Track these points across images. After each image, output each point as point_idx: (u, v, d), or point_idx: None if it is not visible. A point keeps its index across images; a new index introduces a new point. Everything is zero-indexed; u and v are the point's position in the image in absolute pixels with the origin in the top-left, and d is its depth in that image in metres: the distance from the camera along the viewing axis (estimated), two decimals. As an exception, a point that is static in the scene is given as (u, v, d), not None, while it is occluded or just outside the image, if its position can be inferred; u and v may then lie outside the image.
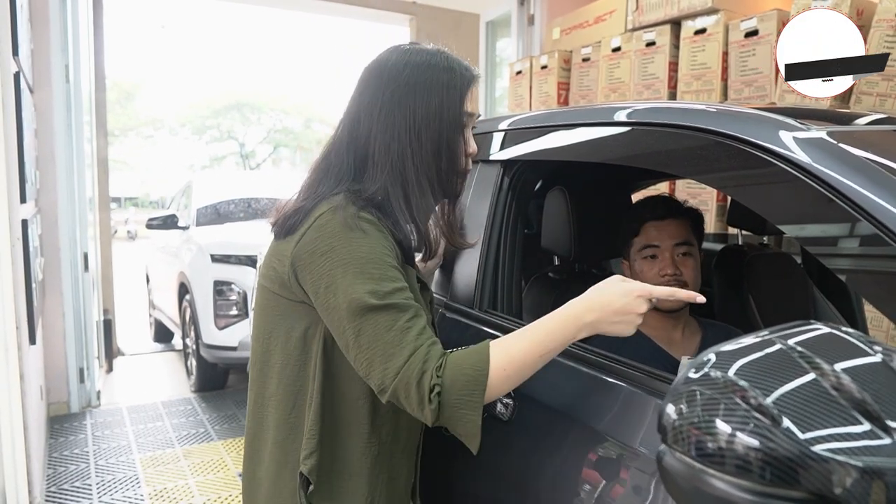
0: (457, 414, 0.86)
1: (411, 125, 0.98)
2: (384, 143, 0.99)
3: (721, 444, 0.51)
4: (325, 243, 0.92)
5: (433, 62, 1.02)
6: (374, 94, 1.01)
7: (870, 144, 0.85)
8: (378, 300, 0.89)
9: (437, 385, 0.85)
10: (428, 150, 0.99)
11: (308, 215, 0.96)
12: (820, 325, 0.57)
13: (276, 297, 1.01)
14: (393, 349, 0.88)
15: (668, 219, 1.41)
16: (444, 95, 1.00)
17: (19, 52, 2.39)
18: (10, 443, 2.14)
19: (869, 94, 2.04)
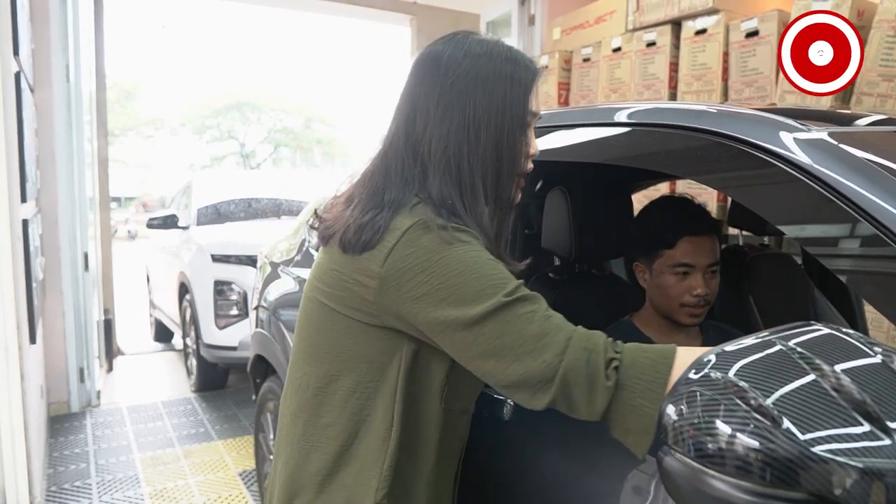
0: (635, 401, 0.72)
1: (470, 121, 0.90)
2: (441, 141, 0.90)
3: (721, 444, 0.51)
4: (423, 258, 0.83)
5: (494, 52, 0.93)
6: (429, 88, 0.92)
7: (870, 145, 0.85)
8: (508, 297, 0.80)
9: (615, 360, 0.74)
10: (486, 148, 0.91)
11: (389, 229, 0.86)
12: (820, 326, 0.57)
13: (346, 319, 0.91)
14: (547, 337, 0.77)
15: (705, 235, 1.34)
16: (507, 89, 0.91)
17: (20, 51, 2.39)
18: (11, 442, 2.14)
19: (869, 95, 2.04)
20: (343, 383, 0.92)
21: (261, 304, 2.27)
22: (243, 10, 22.94)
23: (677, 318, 1.36)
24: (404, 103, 0.96)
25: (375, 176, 0.94)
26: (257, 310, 2.33)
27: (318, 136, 25.86)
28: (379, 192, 0.91)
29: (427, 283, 0.82)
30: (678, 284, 1.34)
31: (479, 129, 0.90)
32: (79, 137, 3.58)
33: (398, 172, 0.92)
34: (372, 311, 0.88)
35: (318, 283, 0.95)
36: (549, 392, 0.76)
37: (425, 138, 0.91)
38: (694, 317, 1.35)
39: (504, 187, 0.94)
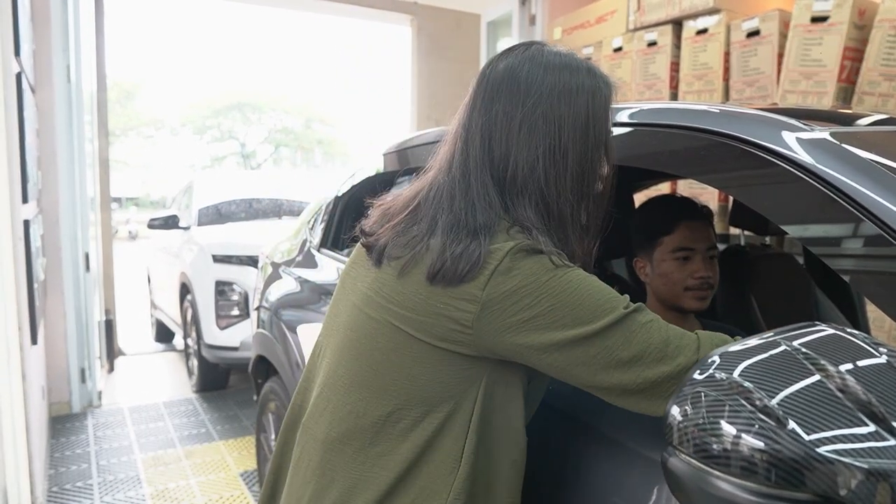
0: None
1: (556, 143, 0.84)
2: (527, 166, 0.85)
3: (726, 445, 0.51)
4: (531, 280, 0.79)
5: (573, 65, 0.87)
6: (509, 108, 0.86)
7: (872, 145, 0.85)
8: (625, 308, 0.78)
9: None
10: (573, 172, 0.86)
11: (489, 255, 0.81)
12: (825, 327, 0.57)
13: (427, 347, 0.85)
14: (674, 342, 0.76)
15: (700, 220, 1.38)
16: (591, 105, 0.86)
17: (21, 52, 2.39)
18: (12, 443, 2.15)
19: (871, 95, 2.04)
20: (411, 413, 0.86)
21: (262, 305, 2.28)
22: (243, 10, 22.95)
23: (683, 303, 1.37)
24: (478, 123, 0.89)
25: (455, 199, 0.87)
26: (259, 310, 2.33)
27: (319, 136, 25.87)
28: (464, 216, 0.85)
29: (537, 305, 0.79)
30: (680, 269, 1.37)
31: (567, 152, 0.85)
32: (80, 138, 3.59)
33: (481, 196, 0.86)
34: (465, 338, 0.82)
35: (390, 306, 0.87)
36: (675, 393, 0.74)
37: (509, 161, 0.86)
38: (699, 300, 1.37)
39: (592, 212, 0.90)
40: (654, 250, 1.40)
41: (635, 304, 0.80)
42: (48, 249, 3.37)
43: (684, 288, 1.36)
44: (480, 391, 0.85)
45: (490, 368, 0.85)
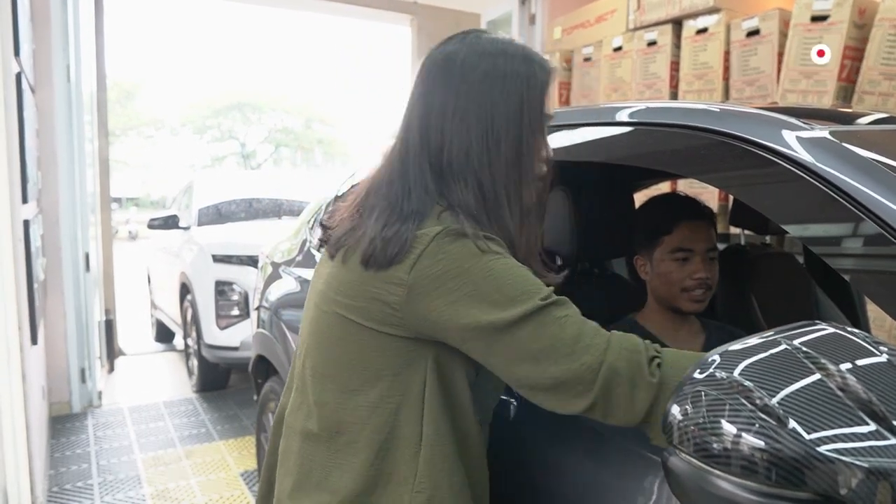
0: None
1: (489, 127, 0.86)
2: (461, 150, 0.87)
3: (726, 444, 0.51)
4: (454, 265, 0.80)
5: (510, 51, 0.89)
6: (445, 94, 0.88)
7: (873, 144, 0.85)
8: (544, 301, 0.78)
9: (656, 358, 0.73)
10: (507, 155, 0.87)
11: (416, 239, 0.83)
12: (825, 326, 0.57)
13: (368, 332, 0.87)
14: (584, 340, 0.76)
15: (700, 220, 1.37)
16: (524, 91, 0.88)
17: (21, 52, 2.39)
18: (12, 443, 2.15)
19: (871, 94, 2.04)
20: (366, 398, 0.88)
21: (262, 305, 2.27)
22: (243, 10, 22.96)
23: (680, 304, 1.37)
24: (417, 109, 0.91)
25: (393, 185, 0.90)
26: (259, 310, 2.33)
27: (319, 136, 25.88)
28: (399, 202, 0.87)
29: (458, 289, 0.80)
30: (679, 270, 1.36)
31: (500, 136, 0.87)
32: (80, 138, 3.59)
33: (417, 182, 0.88)
34: (396, 321, 0.84)
35: (336, 296, 0.90)
36: (589, 394, 0.75)
37: (444, 147, 0.88)
38: (696, 302, 1.37)
39: (524, 194, 0.90)
40: (654, 249, 1.40)
41: (556, 298, 0.80)
42: (48, 249, 3.37)
43: (682, 289, 1.36)
44: (428, 375, 0.87)
45: (434, 351, 0.87)
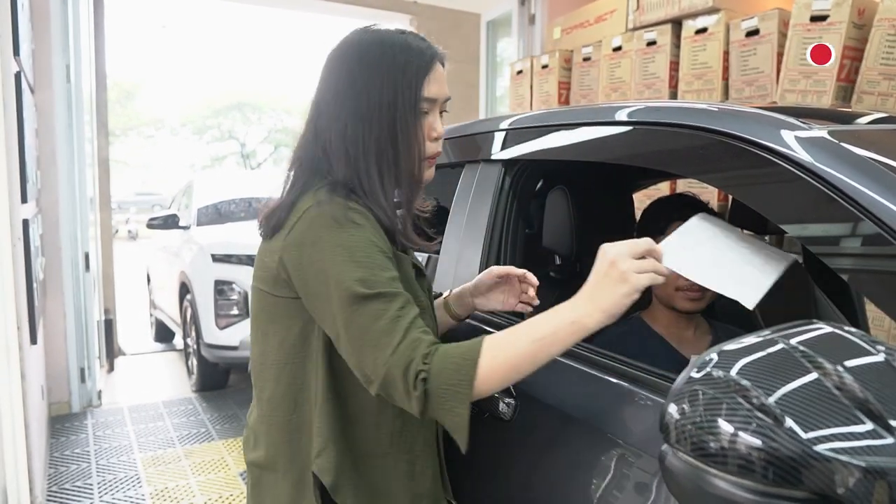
0: (444, 405, 0.82)
1: (364, 111, 0.95)
2: (339, 132, 0.96)
3: (723, 443, 0.51)
4: (313, 234, 0.90)
5: (389, 41, 0.97)
6: (329, 80, 0.99)
7: (871, 143, 0.85)
8: (367, 289, 0.86)
9: (422, 371, 0.82)
10: (380, 136, 0.95)
11: (292, 209, 0.95)
12: (822, 325, 0.57)
13: (270, 297, 0.99)
14: (382, 338, 0.84)
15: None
16: (398, 78, 0.95)
17: (20, 52, 2.39)
18: (12, 442, 2.15)
19: (870, 94, 2.04)
20: (273, 357, 1.00)
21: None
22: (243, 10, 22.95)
23: (676, 303, 1.38)
24: (314, 99, 1.02)
25: (294, 165, 1.02)
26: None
27: (319, 136, 25.80)
28: (297, 180, 1.00)
29: (310, 257, 0.90)
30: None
31: (372, 119, 0.95)
32: (79, 138, 3.59)
33: (307, 164, 1.00)
34: (282, 283, 0.96)
35: (255, 271, 1.03)
36: (373, 387, 0.87)
37: (330, 130, 0.97)
38: (692, 301, 1.36)
39: (403, 171, 0.98)
40: None
41: (379, 288, 0.87)
42: (48, 249, 3.37)
43: (675, 288, 1.36)
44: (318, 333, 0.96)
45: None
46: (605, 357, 1.04)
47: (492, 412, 1.16)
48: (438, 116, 1.02)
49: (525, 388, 1.14)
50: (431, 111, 1.00)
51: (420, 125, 0.98)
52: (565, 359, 1.10)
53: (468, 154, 1.55)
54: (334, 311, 0.88)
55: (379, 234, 0.93)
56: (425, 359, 0.83)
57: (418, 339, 0.85)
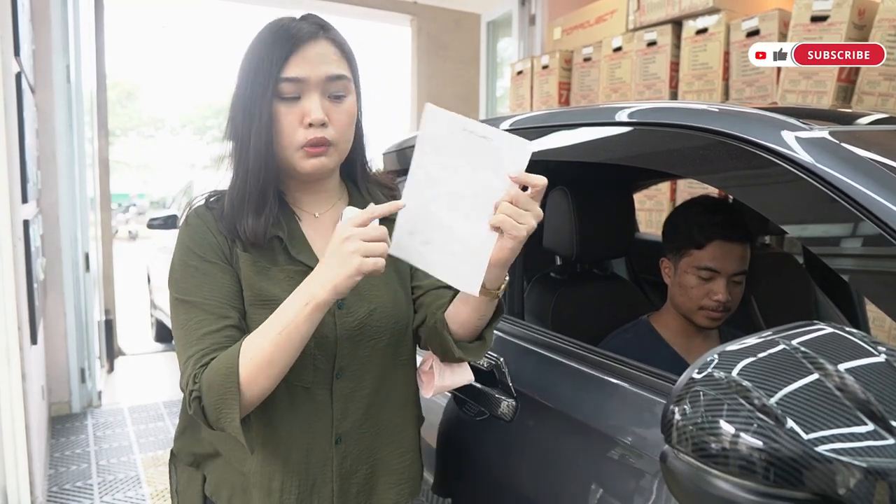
0: (220, 416, 0.86)
1: (236, 98, 0.93)
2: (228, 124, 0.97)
3: (724, 444, 0.51)
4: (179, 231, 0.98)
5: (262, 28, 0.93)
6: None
7: (872, 144, 0.85)
8: (179, 294, 0.92)
9: (194, 391, 0.87)
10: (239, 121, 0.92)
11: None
12: (823, 326, 0.57)
13: None
14: (181, 348, 0.91)
15: (737, 242, 1.31)
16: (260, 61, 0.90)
17: (21, 52, 2.39)
18: (12, 443, 2.15)
19: (871, 94, 2.04)
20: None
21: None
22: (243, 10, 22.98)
23: (695, 319, 1.35)
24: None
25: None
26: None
27: (319, 136, 25.80)
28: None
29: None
30: (700, 286, 1.32)
31: (237, 104, 0.93)
32: (79, 138, 3.58)
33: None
34: None
35: None
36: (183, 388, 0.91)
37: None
38: (712, 320, 1.33)
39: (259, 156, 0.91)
40: (681, 258, 1.36)
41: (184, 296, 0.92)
42: (48, 249, 3.37)
43: (699, 307, 1.33)
44: None
45: None
46: (607, 358, 1.04)
47: (493, 413, 1.16)
48: (317, 100, 0.90)
49: (525, 388, 1.14)
50: (305, 94, 0.90)
51: (278, 111, 0.90)
52: (567, 360, 1.10)
53: (469, 154, 1.54)
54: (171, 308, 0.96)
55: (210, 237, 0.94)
56: (195, 378, 0.87)
57: (202, 357, 0.88)
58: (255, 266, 0.93)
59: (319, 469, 0.98)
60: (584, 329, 1.47)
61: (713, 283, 1.31)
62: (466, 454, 1.23)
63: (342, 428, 0.98)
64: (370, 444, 1.02)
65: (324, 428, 0.97)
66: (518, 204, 0.82)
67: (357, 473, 1.01)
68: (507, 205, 0.82)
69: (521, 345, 1.20)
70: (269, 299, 0.91)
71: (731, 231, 1.31)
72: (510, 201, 0.82)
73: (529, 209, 0.83)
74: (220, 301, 0.91)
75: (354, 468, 1.00)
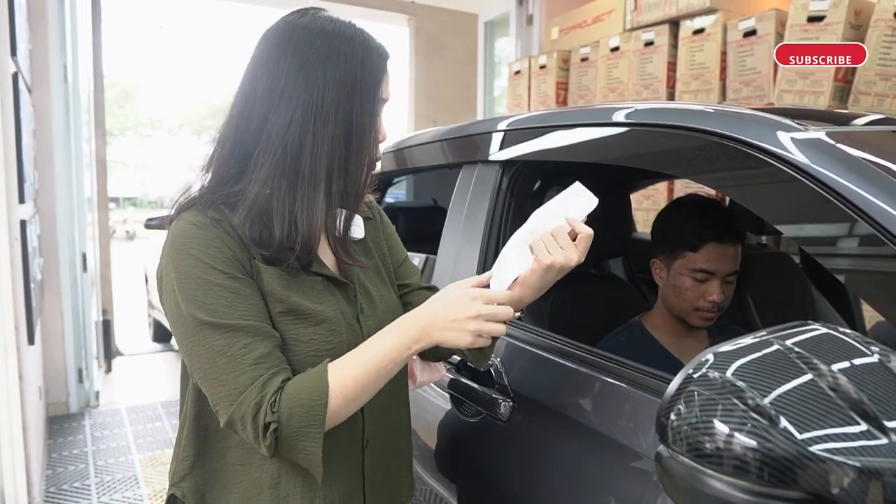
0: (296, 447, 0.80)
1: (318, 107, 0.84)
2: (282, 127, 0.85)
3: (719, 444, 0.51)
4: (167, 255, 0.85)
5: (348, 33, 0.88)
6: (274, 69, 0.86)
7: (868, 145, 0.86)
8: (208, 317, 0.81)
9: (272, 423, 0.79)
10: (335, 137, 0.86)
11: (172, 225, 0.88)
12: (817, 326, 0.57)
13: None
14: (226, 376, 0.81)
15: (730, 243, 1.31)
16: (358, 73, 0.86)
17: (17, 52, 2.39)
18: (9, 443, 2.14)
19: (867, 95, 2.05)
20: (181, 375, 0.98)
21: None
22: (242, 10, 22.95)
23: (689, 319, 1.35)
24: (243, 86, 0.89)
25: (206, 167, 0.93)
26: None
27: (317, 136, 25.80)
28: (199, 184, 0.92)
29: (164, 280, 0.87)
30: (695, 288, 1.32)
31: (327, 117, 0.85)
32: (77, 138, 3.58)
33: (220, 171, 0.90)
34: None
35: None
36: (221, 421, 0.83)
37: (263, 127, 0.86)
38: (706, 320, 1.34)
39: (353, 177, 0.90)
40: (674, 260, 1.36)
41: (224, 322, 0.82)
42: (45, 249, 3.36)
43: (694, 308, 1.33)
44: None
45: None
46: (604, 359, 1.04)
47: (490, 413, 1.17)
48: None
49: (523, 388, 1.14)
50: (380, 114, 0.92)
51: (374, 126, 0.90)
52: (564, 360, 1.11)
53: (466, 154, 1.55)
54: (180, 339, 0.84)
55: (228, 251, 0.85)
56: (273, 406, 0.79)
57: (266, 382, 0.81)
58: (281, 279, 0.88)
59: (353, 475, 0.97)
60: (582, 329, 1.47)
61: (708, 285, 1.31)
62: (464, 454, 1.24)
63: (369, 431, 0.98)
64: (388, 443, 1.03)
65: (356, 433, 0.97)
66: (556, 238, 0.92)
67: (379, 473, 1.01)
68: (548, 235, 0.92)
69: (518, 345, 1.21)
70: (303, 312, 0.88)
71: (725, 232, 1.31)
72: (552, 233, 0.92)
73: (564, 248, 0.91)
74: (261, 320, 0.84)
75: (380, 469, 1.01)
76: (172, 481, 0.95)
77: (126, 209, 25.84)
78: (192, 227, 0.85)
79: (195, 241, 0.84)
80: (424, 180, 3.25)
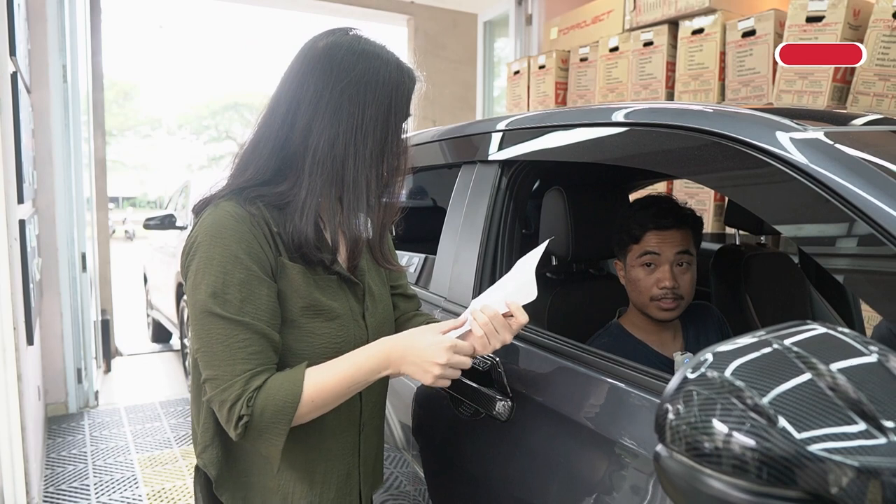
0: (262, 437, 0.90)
1: (359, 124, 0.95)
2: (329, 140, 0.94)
3: (718, 443, 0.51)
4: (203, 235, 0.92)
5: (384, 56, 0.98)
6: (320, 84, 0.95)
7: (866, 145, 0.86)
8: (220, 308, 0.89)
9: (245, 416, 0.88)
10: (373, 150, 0.96)
11: (202, 211, 0.96)
12: (816, 326, 0.57)
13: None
14: (220, 362, 0.89)
15: (672, 229, 1.36)
16: (394, 96, 0.97)
17: (17, 51, 2.39)
18: (8, 443, 2.14)
19: (866, 94, 2.05)
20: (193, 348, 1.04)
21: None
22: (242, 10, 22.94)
23: (650, 312, 1.38)
24: (288, 95, 0.97)
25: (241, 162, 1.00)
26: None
27: (316, 136, 25.79)
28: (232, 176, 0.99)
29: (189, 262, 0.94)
30: (647, 277, 1.37)
31: (367, 133, 0.95)
32: (76, 138, 3.58)
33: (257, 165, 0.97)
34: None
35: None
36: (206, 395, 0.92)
37: (311, 136, 0.95)
38: (665, 311, 1.36)
39: (389, 186, 1.03)
40: (626, 255, 1.41)
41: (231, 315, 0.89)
42: (44, 249, 3.36)
43: (650, 298, 1.36)
44: None
45: None
46: (603, 358, 1.04)
47: (489, 412, 1.17)
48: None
49: (521, 388, 1.14)
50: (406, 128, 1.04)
51: (402, 142, 1.02)
52: (563, 360, 1.11)
53: (465, 154, 1.55)
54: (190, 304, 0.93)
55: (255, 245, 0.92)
56: (249, 402, 0.88)
57: (250, 379, 0.89)
58: (305, 276, 0.97)
59: (351, 456, 1.08)
60: (580, 329, 1.47)
61: (658, 272, 1.36)
62: (463, 454, 1.24)
63: (365, 416, 1.09)
64: (377, 427, 1.15)
65: (354, 418, 1.07)
66: (493, 321, 0.98)
67: (371, 455, 1.13)
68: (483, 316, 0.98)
69: (517, 345, 1.21)
70: (321, 308, 0.98)
71: (663, 220, 1.37)
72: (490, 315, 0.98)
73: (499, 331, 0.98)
74: (266, 321, 0.92)
75: (371, 451, 1.13)
76: (197, 452, 1.04)
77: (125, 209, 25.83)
78: (231, 218, 0.92)
79: (230, 233, 0.91)
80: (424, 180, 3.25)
